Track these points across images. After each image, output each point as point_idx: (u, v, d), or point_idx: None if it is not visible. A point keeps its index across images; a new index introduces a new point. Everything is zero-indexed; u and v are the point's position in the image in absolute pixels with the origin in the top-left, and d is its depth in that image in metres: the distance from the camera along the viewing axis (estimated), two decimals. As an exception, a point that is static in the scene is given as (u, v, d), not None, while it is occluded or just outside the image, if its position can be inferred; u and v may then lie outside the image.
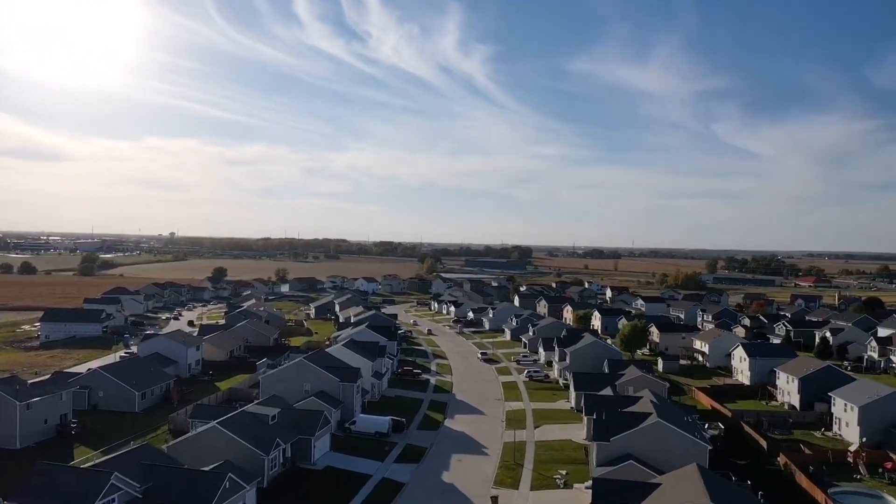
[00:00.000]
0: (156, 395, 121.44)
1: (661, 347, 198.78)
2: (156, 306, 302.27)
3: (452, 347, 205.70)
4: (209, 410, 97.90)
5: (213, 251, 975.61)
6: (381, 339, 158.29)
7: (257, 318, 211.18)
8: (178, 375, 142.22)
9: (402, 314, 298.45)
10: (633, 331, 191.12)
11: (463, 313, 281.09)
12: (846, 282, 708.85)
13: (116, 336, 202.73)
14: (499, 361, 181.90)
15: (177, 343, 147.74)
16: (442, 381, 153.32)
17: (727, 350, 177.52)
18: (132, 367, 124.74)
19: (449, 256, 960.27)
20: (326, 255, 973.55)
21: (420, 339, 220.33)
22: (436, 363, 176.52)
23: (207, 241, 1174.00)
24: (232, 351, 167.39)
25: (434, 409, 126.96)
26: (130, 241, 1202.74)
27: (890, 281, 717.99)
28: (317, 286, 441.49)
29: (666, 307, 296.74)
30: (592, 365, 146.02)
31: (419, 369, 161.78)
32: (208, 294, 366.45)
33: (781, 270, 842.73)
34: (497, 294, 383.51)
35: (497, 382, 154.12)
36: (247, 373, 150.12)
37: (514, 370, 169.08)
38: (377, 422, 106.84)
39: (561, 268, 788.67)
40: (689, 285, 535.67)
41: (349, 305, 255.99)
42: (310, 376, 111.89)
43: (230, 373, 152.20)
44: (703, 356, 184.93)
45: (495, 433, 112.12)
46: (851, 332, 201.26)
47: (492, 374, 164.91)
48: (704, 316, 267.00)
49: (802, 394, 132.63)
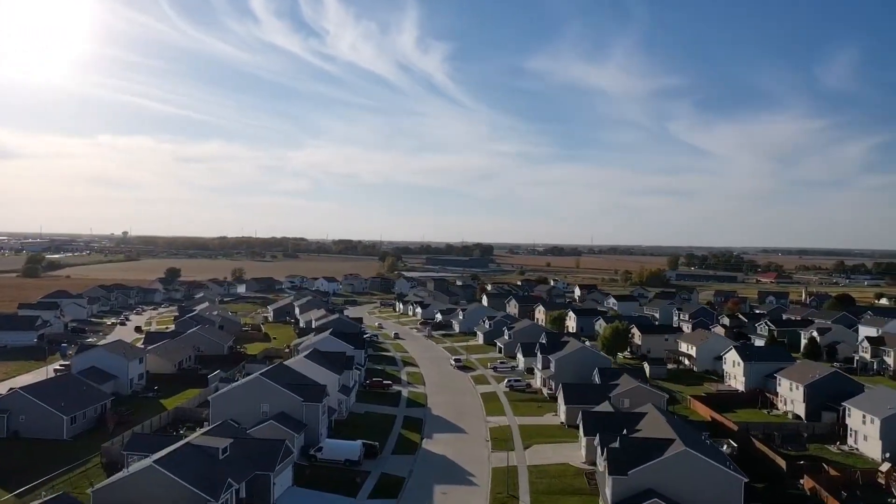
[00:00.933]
0: (89, 418, 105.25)
1: (643, 350, 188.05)
2: (101, 310, 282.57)
3: (422, 353, 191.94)
4: (148, 441, 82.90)
5: (168, 251, 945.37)
6: (347, 347, 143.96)
7: (210, 324, 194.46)
8: (117, 393, 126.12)
9: (366, 316, 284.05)
10: (614, 333, 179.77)
11: (430, 315, 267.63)
12: (806, 277, 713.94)
13: (53, 345, 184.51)
14: (474, 368, 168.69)
15: (116, 355, 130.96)
16: (415, 394, 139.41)
17: (716, 353, 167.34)
18: (61, 385, 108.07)
19: (410, 254, 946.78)
20: (285, 253, 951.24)
21: (387, 344, 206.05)
22: (406, 372, 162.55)
23: (162, 240, 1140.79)
24: (181, 362, 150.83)
25: (409, 428, 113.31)
26: (81, 241, 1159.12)
27: (848, 276, 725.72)
28: (275, 286, 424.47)
29: (639, 306, 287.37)
30: (580, 373, 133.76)
31: (389, 380, 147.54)
32: (159, 296, 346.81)
33: (741, 266, 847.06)
34: (463, 294, 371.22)
35: (475, 394, 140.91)
36: (197, 387, 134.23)
37: (491, 378, 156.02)
38: (347, 448, 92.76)
39: (523, 265, 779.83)
40: (654, 282, 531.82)
41: (310, 308, 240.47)
42: (268, 396, 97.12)
43: (179, 387, 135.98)
44: (689, 360, 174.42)
45: (481, 456, 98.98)
46: (839, 332, 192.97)
47: (468, 383, 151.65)
48: (681, 315, 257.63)
49: (808, 402, 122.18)
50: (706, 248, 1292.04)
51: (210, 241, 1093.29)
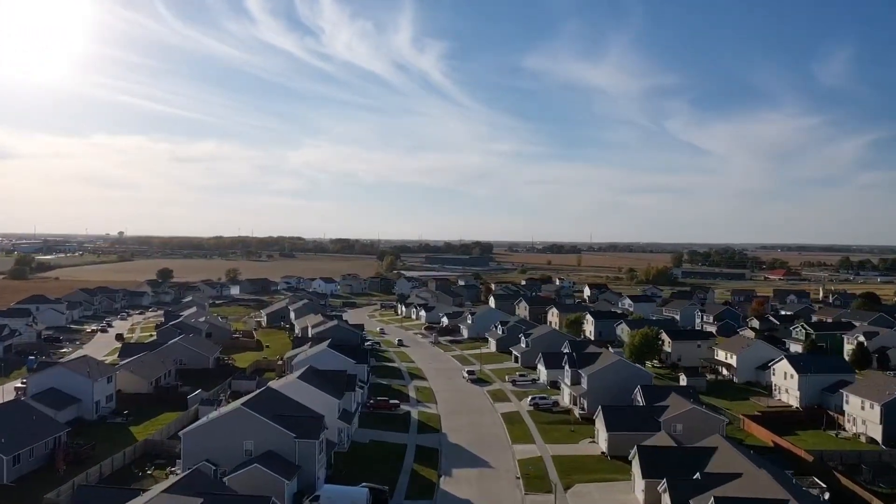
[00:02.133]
0: (38, 455, 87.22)
1: (673, 358, 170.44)
2: (84, 315, 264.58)
3: (430, 363, 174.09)
4: (98, 497, 65.12)
5: (163, 251, 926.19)
6: (347, 362, 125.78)
7: (196, 333, 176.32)
8: (81, 418, 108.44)
9: (367, 320, 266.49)
10: (644, 340, 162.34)
11: (435, 318, 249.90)
12: (815, 274, 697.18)
13: (22, 357, 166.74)
14: (489, 382, 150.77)
15: (79, 375, 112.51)
16: (426, 415, 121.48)
17: (759, 362, 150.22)
18: (5, 414, 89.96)
19: (408, 253, 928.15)
20: (281, 253, 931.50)
21: (391, 353, 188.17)
22: (414, 387, 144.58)
23: (157, 240, 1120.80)
24: (158, 379, 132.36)
25: (423, 461, 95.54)
26: (75, 242, 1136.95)
27: (857, 273, 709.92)
28: (270, 288, 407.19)
29: (657, 307, 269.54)
30: (617, 391, 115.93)
31: (396, 399, 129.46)
32: (147, 299, 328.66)
33: (745, 263, 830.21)
34: (467, 294, 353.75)
35: (495, 414, 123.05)
36: (176, 410, 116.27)
37: (511, 394, 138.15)
38: (350, 495, 74.96)
39: (524, 263, 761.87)
40: (661, 280, 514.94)
41: (306, 312, 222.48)
42: (253, 431, 79.15)
43: (154, 410, 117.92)
44: (728, 369, 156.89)
45: (512, 499, 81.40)
46: (888, 336, 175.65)
47: (485, 400, 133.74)
48: (703, 317, 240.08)
49: (886, 424, 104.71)
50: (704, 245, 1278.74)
51: (206, 241, 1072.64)
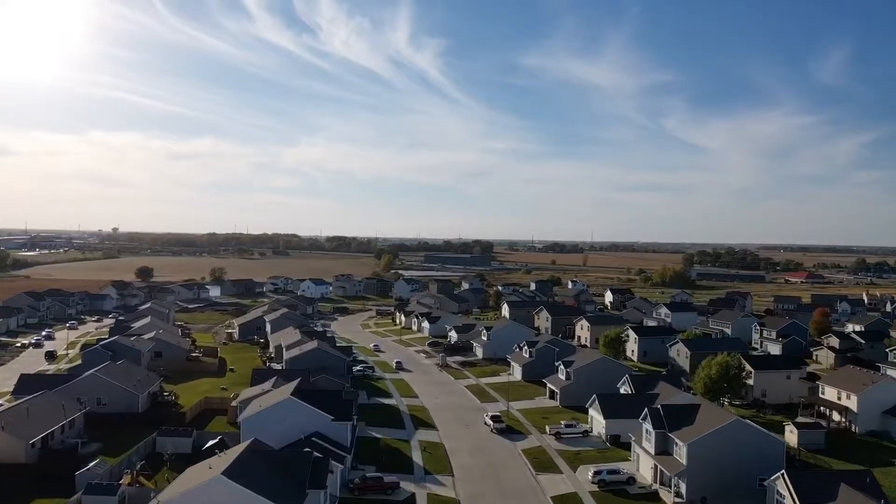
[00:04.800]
0: None
1: (755, 393, 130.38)
2: (29, 324, 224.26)
3: (439, 398, 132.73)
4: None
5: (153, 248, 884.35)
6: (320, 418, 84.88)
7: (133, 355, 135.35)
8: None
9: (359, 330, 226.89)
10: (723, 372, 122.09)
11: (440, 331, 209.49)
12: (836, 276, 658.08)
13: None
14: (523, 433, 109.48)
15: None
16: (439, 500, 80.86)
17: (887, 405, 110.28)
18: None
19: (407, 251, 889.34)
20: (275, 251, 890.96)
21: (387, 381, 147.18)
22: (419, 443, 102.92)
23: (149, 237, 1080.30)
24: (50, 437, 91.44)
25: None
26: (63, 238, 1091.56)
27: (880, 275, 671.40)
28: (255, 289, 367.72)
29: (704, 319, 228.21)
30: (731, 464, 75.74)
31: (393, 466, 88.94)
32: (111, 303, 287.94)
33: (758, 264, 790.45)
34: (474, 299, 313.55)
35: (542, 497, 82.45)
36: (54, 497, 75.88)
37: (558, 456, 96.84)
38: None
39: (528, 263, 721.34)
40: (677, 283, 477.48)
41: (284, 325, 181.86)
42: None
43: (26, 495, 77.54)
44: (841, 413, 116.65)
45: None
46: None
47: (525, 471, 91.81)
48: (763, 332, 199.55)
49: None
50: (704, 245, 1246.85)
51: (198, 237, 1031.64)
